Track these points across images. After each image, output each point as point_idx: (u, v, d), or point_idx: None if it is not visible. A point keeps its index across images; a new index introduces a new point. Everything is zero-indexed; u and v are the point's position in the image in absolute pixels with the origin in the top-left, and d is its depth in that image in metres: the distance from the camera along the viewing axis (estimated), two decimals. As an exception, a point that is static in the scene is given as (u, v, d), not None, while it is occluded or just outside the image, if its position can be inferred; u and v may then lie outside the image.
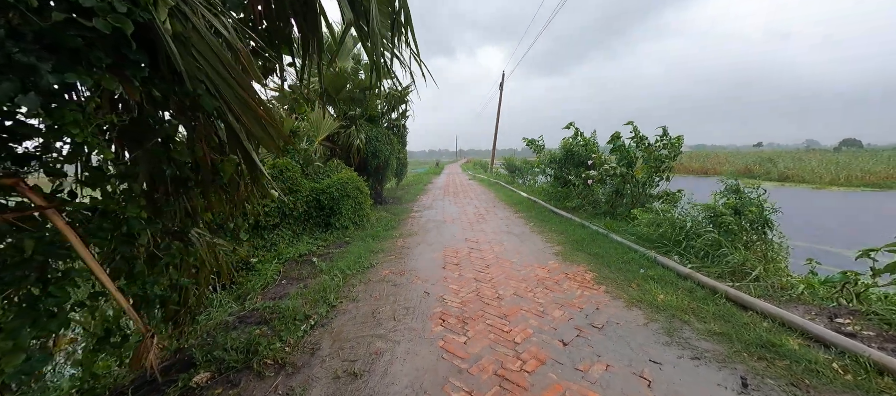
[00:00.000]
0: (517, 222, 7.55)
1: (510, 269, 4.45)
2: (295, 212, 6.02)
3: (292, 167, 6.10)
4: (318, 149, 7.74)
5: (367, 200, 7.19)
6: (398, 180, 12.75)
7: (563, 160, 8.58)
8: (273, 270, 4.67)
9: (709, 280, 3.66)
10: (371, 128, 9.04)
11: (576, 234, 5.99)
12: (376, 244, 5.87)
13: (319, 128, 7.84)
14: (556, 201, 9.19)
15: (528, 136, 11.99)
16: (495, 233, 6.51)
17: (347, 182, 6.72)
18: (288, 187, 5.96)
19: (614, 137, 7.30)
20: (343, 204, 6.58)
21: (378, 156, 9.13)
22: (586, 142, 8.07)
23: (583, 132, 8.20)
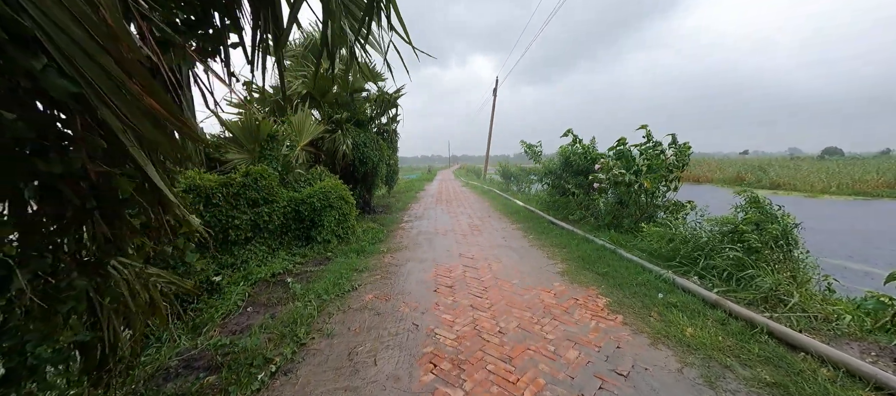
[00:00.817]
0: (515, 234, 7.04)
1: (511, 293, 3.92)
2: (270, 225, 5.41)
3: (268, 175, 5.50)
4: (300, 155, 7.15)
5: (353, 211, 6.61)
6: (389, 187, 12.19)
7: (562, 169, 8.12)
8: (239, 294, 4.06)
9: (743, 309, 3.17)
10: (359, 133, 8.48)
11: (580, 250, 5.48)
12: (361, 260, 5.29)
13: (302, 133, 7.25)
14: (554, 211, 8.71)
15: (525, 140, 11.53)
16: (492, 248, 5.98)
17: (330, 191, 6.14)
18: (262, 197, 5.36)
19: (619, 142, 6.87)
20: (325, 216, 5.99)
21: (366, 163, 8.57)
22: (586, 149, 7.63)
23: (582, 139, 7.76)
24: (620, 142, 6.97)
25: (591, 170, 7.61)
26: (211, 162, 5.93)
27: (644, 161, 6.63)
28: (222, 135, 6.04)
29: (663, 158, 6.46)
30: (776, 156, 58.25)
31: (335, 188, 6.26)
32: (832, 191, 21.33)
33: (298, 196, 5.83)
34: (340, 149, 7.68)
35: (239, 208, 5.07)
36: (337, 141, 7.68)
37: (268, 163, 5.96)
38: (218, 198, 4.81)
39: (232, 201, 4.98)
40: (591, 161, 7.52)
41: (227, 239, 4.98)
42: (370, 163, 8.65)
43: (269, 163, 5.98)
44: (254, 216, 5.24)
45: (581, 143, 7.73)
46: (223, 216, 4.86)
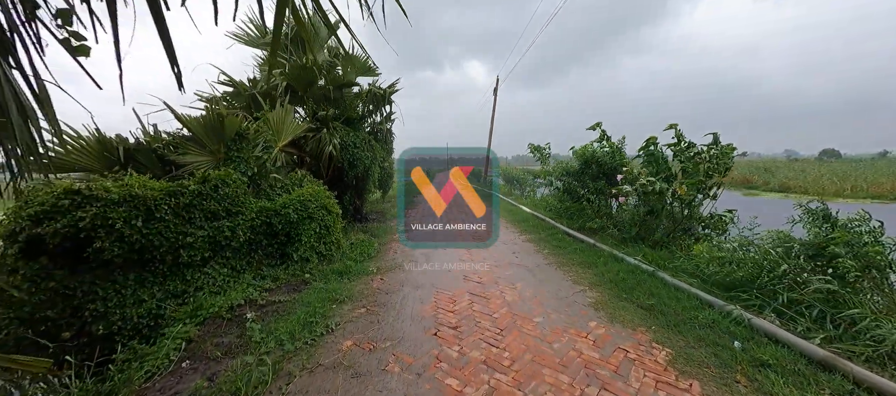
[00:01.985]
0: (527, 248, 6.09)
1: (537, 340, 2.96)
2: (234, 242, 4.44)
3: (233, 181, 4.54)
4: (279, 157, 6.19)
5: (337, 222, 5.64)
6: (383, 192, 11.23)
7: (580, 171, 7.17)
8: (177, 340, 3.09)
9: (880, 379, 2.22)
10: (348, 132, 7.53)
11: (610, 270, 4.54)
12: (344, 286, 4.32)
13: (281, 131, 6.29)
14: (568, 220, 7.76)
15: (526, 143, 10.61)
16: (502, 266, 5.03)
17: (311, 199, 5.18)
18: (224, 208, 4.39)
19: (649, 142, 5.94)
20: (303, 230, 5.02)
21: (357, 166, 7.61)
22: (613, 149, 6.68)
23: (610, 136, 6.81)
24: (650, 141, 6.04)
25: (615, 173, 6.68)
26: (167, 165, 4.96)
27: (678, 164, 5.71)
28: (180, 133, 5.07)
29: (700, 160, 5.55)
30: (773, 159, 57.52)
31: (316, 196, 5.29)
32: (847, 195, 20.48)
33: (271, 206, 4.86)
34: (326, 149, 6.72)
35: (193, 222, 4.11)
36: (322, 140, 6.72)
37: (235, 166, 5.00)
38: (164, 210, 3.84)
39: (184, 214, 4.02)
40: (618, 164, 6.58)
41: (177, 261, 4.01)
42: (361, 165, 7.70)
43: (237, 166, 5.01)
44: (213, 231, 4.27)
45: (609, 141, 6.78)
46: (171, 233, 3.90)
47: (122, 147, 4.70)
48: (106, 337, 3.62)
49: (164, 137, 5.05)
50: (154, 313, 3.76)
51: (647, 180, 5.11)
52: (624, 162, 6.61)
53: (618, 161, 6.61)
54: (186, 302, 3.86)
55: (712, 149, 5.30)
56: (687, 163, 5.55)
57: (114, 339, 3.59)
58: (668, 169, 5.64)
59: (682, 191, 4.99)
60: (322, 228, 5.26)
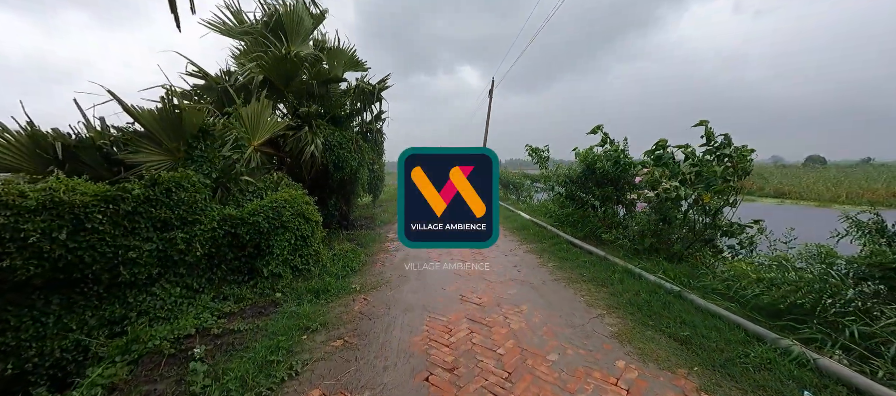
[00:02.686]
0: (529, 261, 5.49)
1: (555, 388, 2.34)
2: (188, 256, 3.75)
3: (191, 183, 3.87)
4: (253, 157, 5.52)
5: (317, 231, 4.98)
6: (374, 197, 10.56)
7: (584, 176, 6.62)
8: (99, 382, 2.42)
9: None
10: (333, 132, 6.88)
11: (628, 289, 3.96)
12: (320, 309, 3.67)
13: (257, 128, 5.62)
14: (571, 228, 7.19)
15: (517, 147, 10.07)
16: (504, 283, 4.42)
17: (285, 206, 4.52)
18: (178, 216, 3.71)
19: (658, 145, 5.40)
20: (276, 241, 4.35)
21: (342, 168, 6.95)
22: (617, 152, 6.14)
23: (614, 139, 6.27)
24: (659, 144, 5.51)
25: (622, 178, 6.13)
26: (115, 165, 4.26)
27: (691, 168, 5.18)
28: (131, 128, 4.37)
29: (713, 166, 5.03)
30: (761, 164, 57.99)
31: (292, 201, 4.63)
32: (842, 201, 20.36)
33: (237, 214, 4.19)
34: (308, 149, 6.05)
35: (137, 233, 3.43)
36: (302, 140, 6.06)
37: (197, 167, 4.32)
38: (97, 220, 3.16)
39: (125, 224, 3.34)
40: (623, 168, 6.03)
41: (115, 280, 3.32)
42: (348, 167, 7.04)
43: (199, 167, 4.33)
44: (163, 244, 3.59)
45: (612, 145, 6.24)
46: (108, 247, 3.22)
47: (60, 143, 4.00)
48: (17, 378, 2.93)
49: (112, 133, 4.35)
50: (84, 345, 3.08)
51: (670, 185, 4.56)
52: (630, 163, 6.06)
53: (623, 164, 6.06)
54: (125, 331, 3.17)
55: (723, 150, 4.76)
56: (704, 166, 5.02)
57: (27, 381, 2.91)
58: (682, 173, 5.10)
59: (706, 198, 4.45)
60: (298, 239, 4.59)
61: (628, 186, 5.94)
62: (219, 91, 6.07)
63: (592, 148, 6.56)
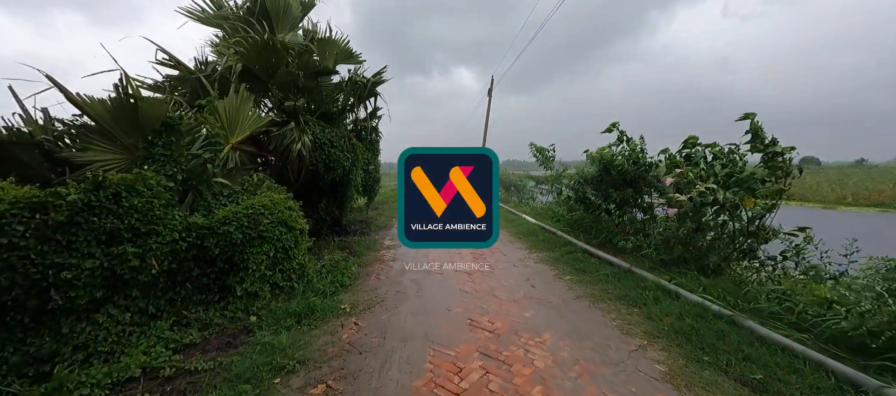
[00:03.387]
0: (543, 272, 4.88)
1: (607, 464, 1.73)
2: (141, 275, 3.11)
3: (147, 187, 3.23)
4: (232, 156, 4.87)
5: (302, 241, 4.34)
6: (369, 199, 9.92)
7: (599, 178, 6.01)
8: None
9: None
10: (324, 129, 6.24)
11: (666, 311, 3.36)
12: (301, 339, 3.03)
13: (235, 124, 4.98)
14: (584, 234, 6.60)
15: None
16: (518, 302, 3.81)
17: (263, 212, 3.88)
18: (129, 227, 3.07)
19: (687, 143, 4.81)
20: (252, 254, 3.71)
21: (334, 169, 6.32)
22: (633, 151, 5.54)
23: (631, 137, 5.67)
24: (688, 142, 4.91)
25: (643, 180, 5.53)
26: (60, 164, 3.60)
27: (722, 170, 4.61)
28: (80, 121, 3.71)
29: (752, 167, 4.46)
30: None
31: (271, 207, 3.99)
32: (848, 202, 19.99)
33: (204, 222, 3.54)
34: (294, 148, 5.41)
35: (75, 249, 2.79)
36: (288, 137, 5.41)
37: (158, 167, 3.67)
38: (18, 232, 2.52)
39: (57, 238, 2.70)
40: (644, 168, 5.44)
41: (45, 306, 2.67)
42: (340, 168, 6.40)
43: (161, 167, 3.69)
44: (110, 261, 2.94)
45: (629, 143, 5.64)
46: (34, 266, 2.58)
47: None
48: None
49: (56, 127, 3.69)
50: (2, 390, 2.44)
51: (706, 187, 3.96)
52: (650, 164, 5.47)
53: (641, 166, 5.47)
54: (53, 372, 2.52)
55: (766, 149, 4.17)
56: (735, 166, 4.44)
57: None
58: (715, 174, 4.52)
59: (748, 203, 3.86)
60: (278, 251, 3.95)
61: (651, 188, 5.35)
62: (194, 82, 5.42)
63: (609, 146, 5.96)
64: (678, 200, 4.05)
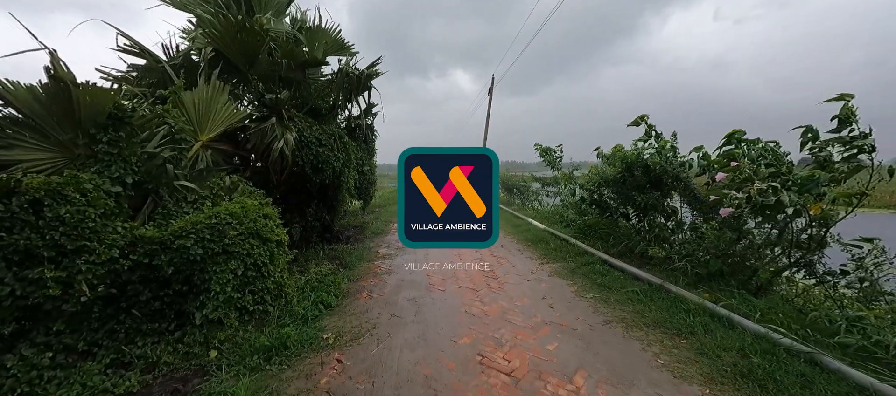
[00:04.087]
0: (560, 288, 4.24)
1: None
2: (68, 304, 2.46)
3: (79, 193, 2.59)
4: (203, 155, 4.23)
5: (281, 256, 3.69)
6: (364, 203, 9.26)
7: (620, 180, 5.37)
8: None
9: None
10: (311, 126, 5.59)
11: (721, 344, 2.73)
12: (267, 387, 2.38)
13: (206, 118, 4.34)
14: (601, 241, 5.96)
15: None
16: (535, 328, 3.17)
17: (230, 222, 3.23)
18: (53, 242, 2.42)
19: (731, 137, 4.19)
20: (215, 273, 3.06)
21: (323, 170, 5.66)
22: (663, 149, 4.91)
23: (660, 132, 5.02)
24: (733, 136, 4.27)
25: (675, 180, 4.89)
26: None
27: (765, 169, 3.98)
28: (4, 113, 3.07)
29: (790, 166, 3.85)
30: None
31: (241, 215, 3.34)
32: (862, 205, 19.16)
33: (154, 235, 2.89)
34: (275, 146, 4.76)
35: (-30, 273, 2.13)
36: (268, 134, 4.76)
37: (103, 167, 3.03)
38: None
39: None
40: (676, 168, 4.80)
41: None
42: (330, 169, 5.75)
43: (106, 167, 3.04)
44: (23, 288, 2.30)
45: (659, 140, 4.99)
46: None
47: None
48: None
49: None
50: None
51: (766, 186, 3.33)
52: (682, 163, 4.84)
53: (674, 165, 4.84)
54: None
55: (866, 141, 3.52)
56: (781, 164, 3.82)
57: None
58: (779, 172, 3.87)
59: (815, 208, 3.24)
60: (249, 268, 3.30)
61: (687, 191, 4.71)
62: (162, 73, 4.77)
63: (635, 143, 5.32)
64: (734, 198, 3.41)
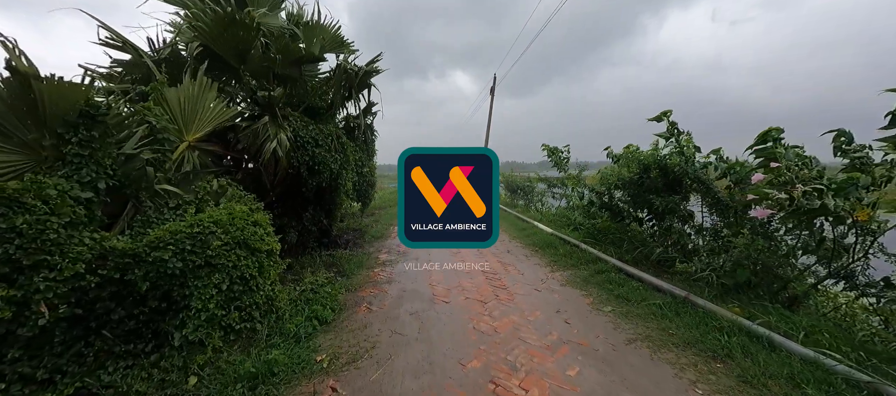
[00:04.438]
0: (574, 300, 3.93)
1: None
2: (25, 328, 2.15)
3: (40, 200, 2.28)
4: (188, 156, 3.92)
5: (271, 267, 3.37)
6: (363, 205, 8.95)
7: (637, 182, 5.03)
8: None
9: None
10: (308, 126, 5.28)
11: (766, 370, 2.41)
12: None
13: (193, 117, 4.03)
14: (613, 247, 5.65)
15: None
16: (553, 349, 2.86)
17: (213, 230, 2.92)
18: (5, 258, 2.11)
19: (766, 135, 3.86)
20: (196, 288, 2.75)
21: (320, 172, 5.36)
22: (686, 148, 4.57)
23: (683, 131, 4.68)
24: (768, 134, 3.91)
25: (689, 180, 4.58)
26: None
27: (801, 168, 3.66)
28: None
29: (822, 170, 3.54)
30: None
31: (227, 223, 3.03)
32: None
33: (126, 247, 2.58)
34: (268, 147, 4.45)
35: None
36: (260, 134, 4.45)
37: (73, 170, 2.72)
38: None
39: None
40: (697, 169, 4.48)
41: None
42: (327, 171, 5.45)
43: (76, 170, 2.73)
44: (-32, 310, 1.98)
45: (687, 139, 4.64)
46: None
47: None
48: None
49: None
50: None
51: (813, 189, 3.02)
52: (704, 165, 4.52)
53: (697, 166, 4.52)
54: None
55: None
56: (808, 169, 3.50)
57: None
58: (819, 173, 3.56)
59: (863, 215, 2.93)
60: (235, 282, 2.99)
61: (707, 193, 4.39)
62: (145, 68, 4.46)
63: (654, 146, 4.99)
64: (777, 200, 3.09)
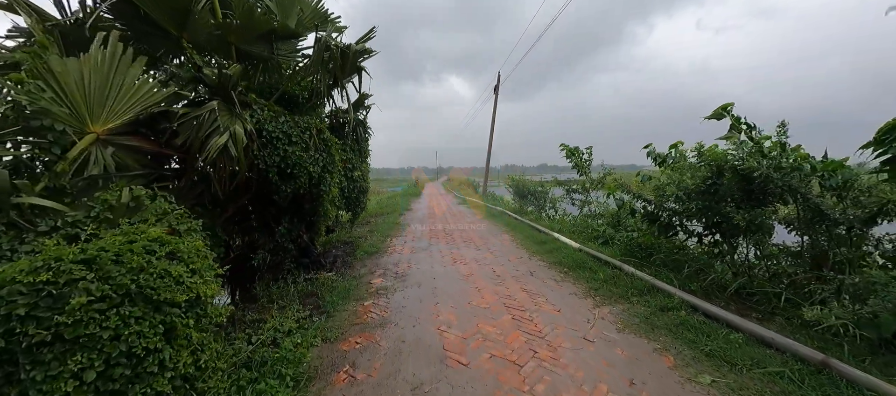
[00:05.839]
0: (648, 363, 2.75)
1: None
2: None
3: None
4: (97, 153, 2.73)
5: (194, 329, 2.18)
6: (354, 215, 7.72)
7: (709, 190, 3.83)
8: None
9: None
10: (278, 117, 4.10)
11: None
12: None
13: (104, 100, 2.84)
14: (670, 270, 4.46)
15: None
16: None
17: (78, 275, 1.71)
18: None
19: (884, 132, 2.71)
20: (34, 380, 1.54)
21: (295, 176, 4.17)
22: (774, 147, 3.43)
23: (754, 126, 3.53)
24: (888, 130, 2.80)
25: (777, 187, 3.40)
26: None
27: None
28: None
29: None
30: None
31: (107, 261, 1.82)
32: None
33: None
34: (216, 141, 3.24)
35: None
36: (205, 124, 3.25)
37: None
38: None
39: None
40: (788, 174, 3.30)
41: None
42: (304, 174, 4.25)
43: None
44: None
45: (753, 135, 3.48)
46: None
47: None
48: None
49: None
50: None
51: None
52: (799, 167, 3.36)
53: (787, 169, 3.35)
54: None
55: None
56: None
57: None
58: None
59: None
60: (118, 364, 1.77)
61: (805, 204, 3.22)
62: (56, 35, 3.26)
63: (730, 138, 3.82)
64: None
